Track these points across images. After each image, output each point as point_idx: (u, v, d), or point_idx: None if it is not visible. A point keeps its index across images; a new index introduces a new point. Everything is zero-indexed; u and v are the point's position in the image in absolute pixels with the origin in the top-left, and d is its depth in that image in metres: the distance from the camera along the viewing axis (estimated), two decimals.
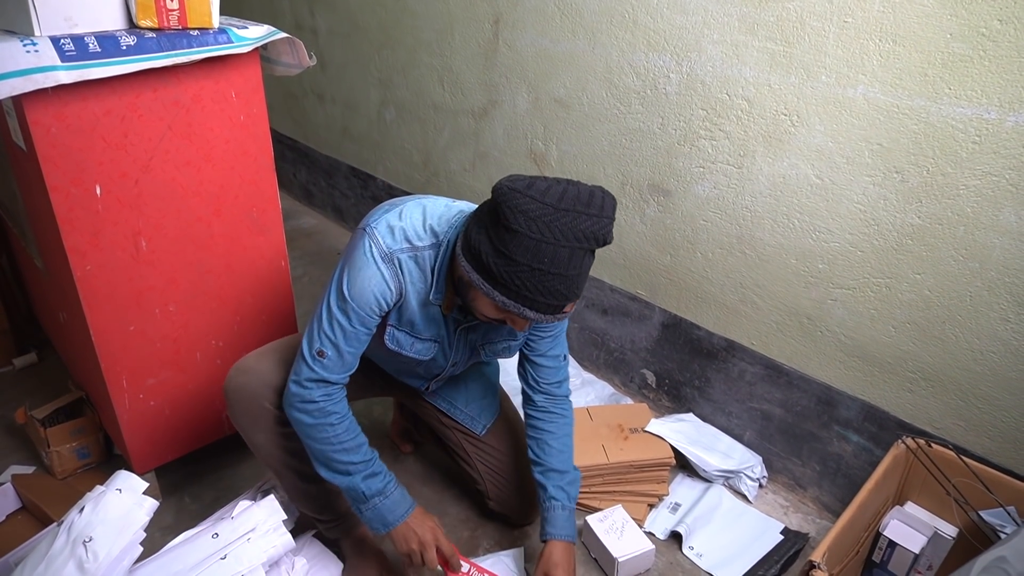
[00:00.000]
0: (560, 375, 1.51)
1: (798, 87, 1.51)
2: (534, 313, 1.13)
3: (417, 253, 1.26)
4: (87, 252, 1.41)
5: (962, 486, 1.40)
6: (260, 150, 1.60)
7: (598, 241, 1.10)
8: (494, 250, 1.10)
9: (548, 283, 1.09)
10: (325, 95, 3.19)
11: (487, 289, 1.13)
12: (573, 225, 1.07)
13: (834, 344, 1.64)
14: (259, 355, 1.43)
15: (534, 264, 1.08)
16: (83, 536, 1.19)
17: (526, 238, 1.07)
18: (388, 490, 1.36)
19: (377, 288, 1.24)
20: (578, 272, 1.11)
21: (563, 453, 1.49)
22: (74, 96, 1.29)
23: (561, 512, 1.46)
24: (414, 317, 1.33)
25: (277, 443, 1.40)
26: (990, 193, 1.31)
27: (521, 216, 1.06)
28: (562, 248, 1.07)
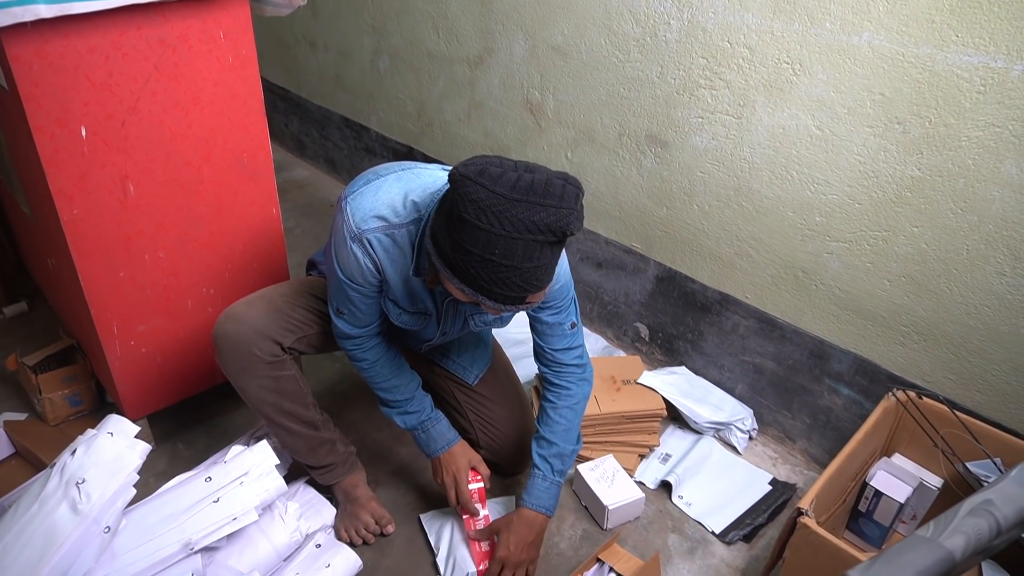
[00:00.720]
0: (565, 343, 1.45)
1: (801, 34, 1.48)
2: (493, 303, 1.09)
3: (394, 231, 1.23)
4: (74, 196, 1.39)
5: (949, 437, 1.41)
6: (250, 93, 1.56)
7: (555, 233, 1.02)
8: (449, 238, 1.06)
9: (502, 275, 1.04)
10: (317, 43, 3.11)
11: (447, 275, 1.10)
12: (527, 216, 1.00)
13: (828, 298, 1.64)
14: (248, 302, 1.42)
15: (486, 255, 1.03)
16: (76, 478, 1.20)
17: (476, 229, 1.01)
18: (424, 427, 1.50)
19: (355, 266, 1.26)
20: (536, 265, 1.05)
21: (557, 424, 1.46)
22: (56, 32, 1.25)
23: (540, 482, 1.46)
24: (396, 291, 1.32)
25: (266, 388, 1.40)
26: (992, 145, 1.29)
27: (471, 205, 1.01)
28: (516, 240, 1.01)
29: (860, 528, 1.51)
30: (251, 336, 1.36)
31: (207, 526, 1.28)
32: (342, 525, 1.54)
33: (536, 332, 1.46)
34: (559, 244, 1.06)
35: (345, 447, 1.57)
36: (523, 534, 1.43)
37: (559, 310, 1.41)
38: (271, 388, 1.40)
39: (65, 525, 1.16)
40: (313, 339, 1.46)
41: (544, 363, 1.48)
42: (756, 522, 1.61)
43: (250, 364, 1.37)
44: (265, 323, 1.38)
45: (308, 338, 1.45)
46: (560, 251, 1.10)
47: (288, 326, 1.41)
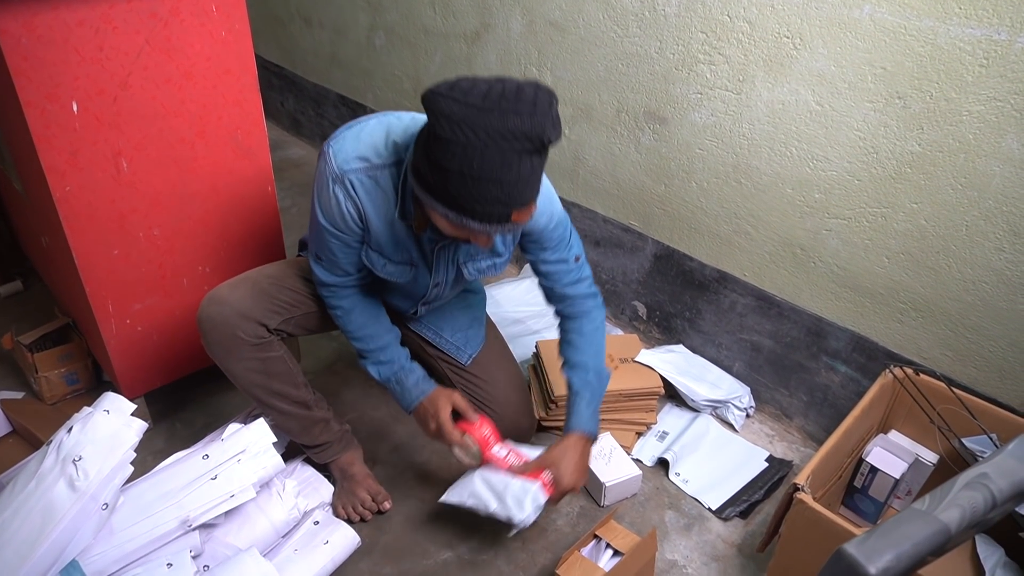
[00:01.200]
0: (573, 277, 1.43)
1: (802, 7, 1.45)
2: (478, 224, 1.08)
3: (376, 172, 1.22)
4: (66, 172, 1.37)
5: (946, 414, 1.41)
6: (243, 69, 1.53)
7: (532, 140, 1.01)
8: (428, 160, 1.05)
9: (482, 190, 1.03)
10: (312, 19, 3.07)
11: (430, 203, 1.09)
12: (500, 124, 0.99)
13: (826, 275, 1.63)
14: (231, 285, 1.40)
15: (464, 170, 1.02)
16: (73, 455, 1.20)
17: (452, 143, 1.00)
18: (398, 377, 1.46)
19: (336, 211, 1.25)
20: (516, 176, 1.03)
21: (588, 348, 1.44)
22: (44, 5, 1.23)
23: (585, 407, 1.42)
24: (380, 238, 1.30)
25: (254, 370, 1.39)
26: (993, 119, 1.28)
27: (445, 120, 1.00)
28: (491, 150, 1.00)
29: (856, 504, 1.52)
30: (234, 319, 1.35)
31: (205, 503, 1.28)
32: (339, 502, 1.54)
33: (543, 275, 1.43)
34: (538, 154, 1.04)
35: (340, 425, 1.57)
36: (578, 460, 1.39)
37: (559, 246, 1.39)
38: (259, 370, 1.39)
39: (63, 502, 1.17)
40: (303, 320, 1.45)
41: (557, 302, 1.46)
42: (752, 498, 1.62)
43: (235, 347, 1.36)
44: (249, 305, 1.36)
45: (297, 319, 1.44)
46: (541, 163, 1.07)
47: (273, 307, 1.39)
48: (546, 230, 1.35)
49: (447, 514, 1.58)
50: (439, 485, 1.64)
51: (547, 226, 1.34)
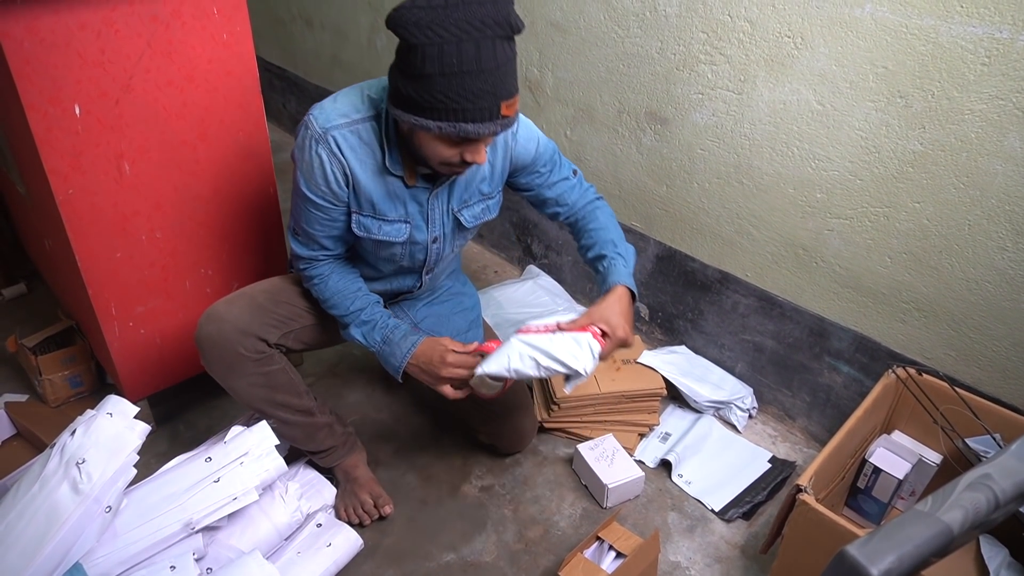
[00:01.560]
0: (578, 189, 1.48)
1: (803, 7, 1.45)
2: (473, 126, 1.10)
3: (359, 126, 1.24)
4: (68, 175, 1.37)
5: (949, 414, 1.41)
6: (245, 71, 1.54)
7: (501, 25, 1.05)
8: (407, 77, 1.08)
9: (468, 85, 1.06)
10: (314, 21, 3.08)
11: (421, 123, 1.11)
12: (467, 16, 1.03)
13: (829, 275, 1.63)
14: (228, 301, 1.39)
15: (445, 70, 1.05)
16: (76, 458, 1.20)
17: (427, 47, 1.04)
18: (385, 336, 1.37)
19: (320, 173, 1.25)
20: (495, 64, 1.06)
21: (610, 227, 1.45)
22: (46, 8, 1.23)
23: (622, 267, 1.39)
24: (371, 195, 1.29)
25: (256, 384, 1.38)
26: (996, 118, 1.27)
27: (414, 28, 1.04)
28: (466, 43, 1.04)
29: (859, 504, 1.51)
30: (234, 335, 1.34)
31: (208, 506, 1.28)
32: (341, 504, 1.55)
33: (552, 201, 1.47)
34: (509, 40, 1.09)
35: (343, 428, 1.57)
36: (626, 310, 1.34)
37: (555, 167, 1.45)
38: (262, 384, 1.38)
39: (66, 505, 1.17)
40: (302, 334, 1.45)
41: (568, 216, 1.49)
42: (755, 500, 1.61)
43: (237, 363, 1.35)
44: (248, 320, 1.35)
45: (296, 333, 1.43)
46: (513, 51, 1.10)
47: (271, 322, 1.39)
48: (537, 153, 1.41)
49: (450, 516, 1.58)
50: (442, 487, 1.65)
51: (537, 149, 1.40)
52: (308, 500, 1.51)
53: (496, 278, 2.44)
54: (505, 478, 1.67)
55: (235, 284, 1.73)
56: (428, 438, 1.78)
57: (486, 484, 1.66)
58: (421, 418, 1.85)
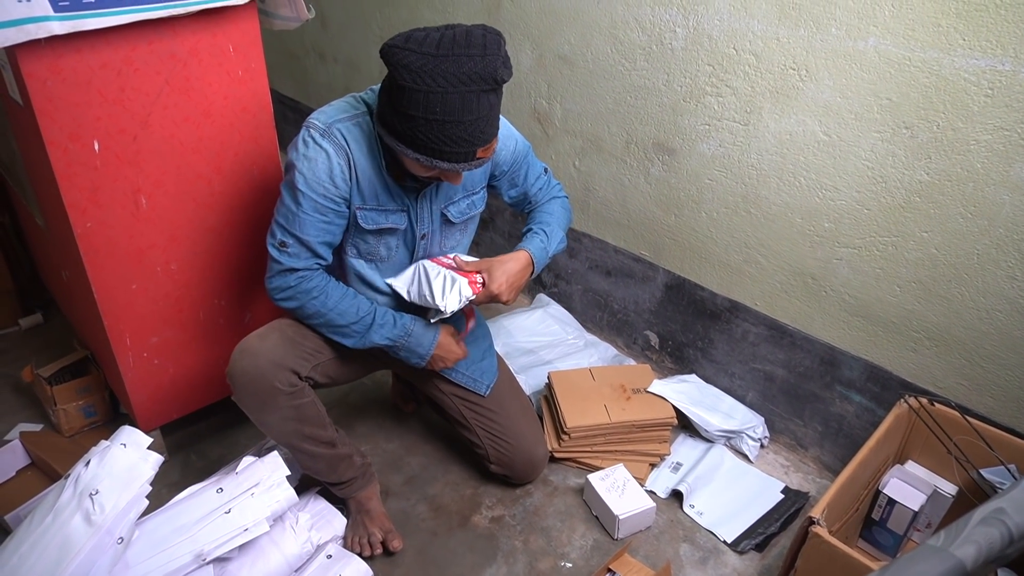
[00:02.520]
0: (549, 186, 1.59)
1: (807, 40, 1.48)
2: (447, 164, 1.18)
3: (359, 119, 1.30)
4: (87, 209, 1.41)
5: (963, 444, 1.40)
6: (259, 106, 1.57)
7: (487, 80, 1.11)
8: (393, 110, 1.15)
9: (448, 132, 1.13)
10: (327, 54, 3.14)
11: (400, 148, 1.19)
12: (456, 69, 1.09)
13: (838, 304, 1.63)
14: (260, 336, 1.40)
15: (428, 116, 1.12)
16: (89, 489, 1.21)
17: (414, 92, 1.10)
18: (407, 330, 1.43)
19: (323, 167, 1.27)
20: (476, 116, 1.13)
21: (552, 213, 1.55)
22: (68, 48, 1.27)
23: (538, 240, 1.49)
24: (375, 187, 1.34)
25: (289, 418, 1.39)
26: (1001, 148, 1.28)
27: (404, 71, 1.09)
28: (451, 94, 1.10)
29: (874, 536, 1.50)
30: (270, 368, 1.34)
31: (219, 537, 1.29)
32: (351, 534, 1.54)
33: (527, 200, 1.57)
34: (494, 92, 1.15)
35: (361, 458, 1.57)
36: (514, 271, 1.43)
37: (531, 166, 1.54)
38: (293, 418, 1.39)
39: (79, 536, 1.17)
40: (327, 367, 1.46)
41: (530, 209, 1.58)
42: (768, 531, 1.60)
43: (271, 397, 1.35)
44: (282, 354, 1.37)
45: (322, 366, 1.45)
46: (497, 101, 1.17)
47: (302, 354, 1.40)
48: (515, 153, 1.49)
49: (460, 548, 1.57)
50: (452, 518, 1.64)
51: (515, 149, 1.48)
52: (318, 531, 1.51)
53: (506, 307, 2.45)
54: (515, 509, 1.66)
55: (247, 315, 1.75)
56: (438, 468, 1.78)
57: (496, 515, 1.65)
58: (431, 447, 1.85)
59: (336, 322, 1.38)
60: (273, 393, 1.35)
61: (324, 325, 1.40)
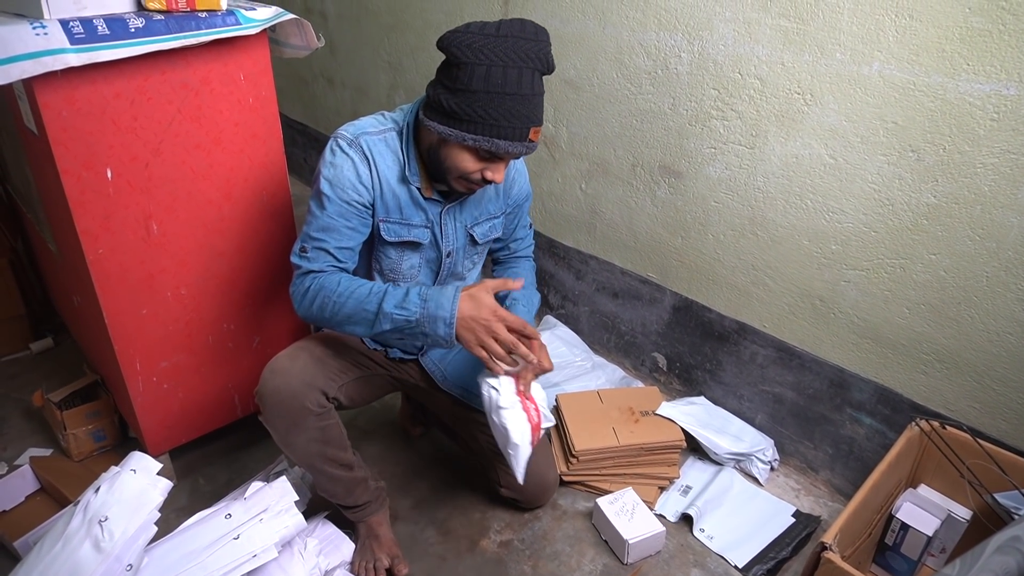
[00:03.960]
0: (526, 240, 1.67)
1: (812, 65, 1.49)
2: (505, 143, 1.22)
3: (384, 134, 1.35)
4: (99, 235, 1.42)
5: (976, 468, 1.38)
6: (269, 133, 1.59)
7: (542, 62, 1.20)
8: (451, 91, 1.21)
9: (507, 105, 1.19)
10: (335, 79, 3.18)
11: (456, 135, 1.23)
12: (516, 47, 1.18)
13: (847, 326, 1.62)
14: (290, 356, 1.39)
15: (490, 88, 1.18)
16: (99, 515, 1.21)
17: (476, 66, 1.17)
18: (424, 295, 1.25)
19: (349, 172, 1.31)
20: (532, 92, 1.20)
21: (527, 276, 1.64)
22: (84, 79, 1.29)
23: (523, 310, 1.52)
24: (398, 200, 1.36)
25: (315, 439, 1.38)
26: (1008, 171, 1.29)
27: (467, 49, 1.17)
28: (511, 69, 1.17)
29: (887, 562, 1.48)
30: (302, 388, 1.34)
31: (227, 563, 1.28)
32: (360, 559, 1.53)
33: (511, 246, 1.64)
34: (543, 76, 1.23)
35: (375, 482, 1.56)
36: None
37: (524, 213, 1.61)
38: (319, 439, 1.39)
39: (88, 563, 1.17)
40: (350, 388, 1.46)
41: (504, 253, 1.66)
42: (780, 556, 1.58)
43: (302, 418, 1.35)
44: (312, 374, 1.37)
45: (347, 387, 1.45)
46: (543, 86, 1.24)
47: (331, 375, 1.41)
48: (526, 192, 1.57)
49: (468, 573, 1.56)
50: (460, 542, 1.63)
51: (526, 186, 1.57)
52: (326, 556, 1.50)
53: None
54: (524, 533, 1.65)
55: (256, 339, 1.76)
56: (446, 491, 1.77)
57: (505, 539, 1.64)
58: (440, 471, 1.84)
59: (348, 308, 1.27)
60: (303, 413, 1.35)
61: (344, 320, 1.29)
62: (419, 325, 1.25)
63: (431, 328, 1.24)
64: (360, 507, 1.52)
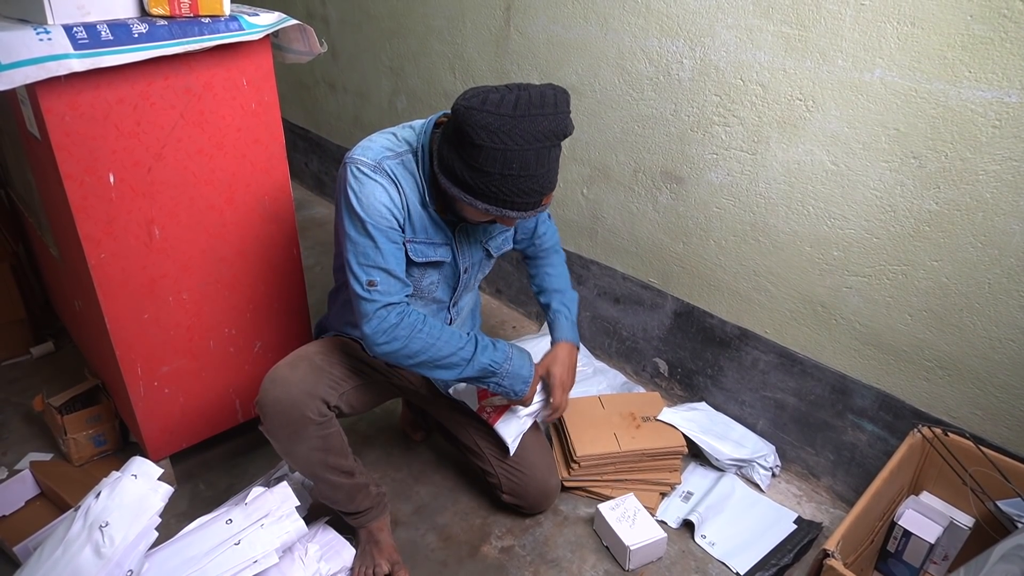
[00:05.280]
0: (551, 231, 1.69)
1: (814, 71, 1.49)
2: (516, 212, 1.24)
3: (401, 158, 1.34)
4: (101, 240, 1.42)
5: (979, 475, 1.38)
6: (271, 138, 1.59)
7: (558, 136, 1.19)
8: (466, 166, 1.20)
9: (521, 185, 1.19)
10: (337, 84, 3.19)
11: (469, 200, 1.24)
12: (532, 128, 1.15)
13: (849, 332, 1.62)
14: (290, 365, 1.39)
15: (505, 171, 1.17)
16: (99, 521, 1.21)
17: (492, 150, 1.16)
18: (508, 353, 1.44)
19: (382, 197, 1.30)
20: (547, 169, 1.21)
21: (561, 278, 1.69)
22: (87, 84, 1.30)
23: (565, 322, 1.63)
24: (423, 220, 1.37)
25: (316, 448, 1.38)
26: (1010, 178, 1.29)
27: (483, 131, 1.15)
28: (528, 152, 1.16)
29: (890, 569, 1.47)
30: (302, 398, 1.34)
31: (228, 569, 1.28)
32: (360, 564, 1.53)
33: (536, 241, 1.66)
34: (560, 146, 1.23)
35: (376, 488, 1.56)
36: (568, 362, 1.58)
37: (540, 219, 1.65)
38: (320, 448, 1.38)
39: (89, 568, 1.17)
40: (351, 396, 1.46)
41: (532, 250, 1.68)
42: (782, 562, 1.58)
43: (303, 427, 1.35)
44: (313, 383, 1.37)
45: (347, 395, 1.45)
46: (560, 150, 1.24)
47: (331, 383, 1.41)
48: None
49: None
50: (461, 548, 1.63)
51: None
52: (327, 562, 1.50)
53: (515, 333, 2.45)
54: (525, 539, 1.65)
55: (258, 343, 1.76)
56: (447, 497, 1.77)
57: (506, 545, 1.64)
58: (441, 476, 1.84)
59: (442, 352, 1.35)
60: (304, 423, 1.35)
61: (429, 361, 1.35)
62: (503, 378, 1.43)
63: (509, 383, 1.44)
64: (361, 513, 1.51)
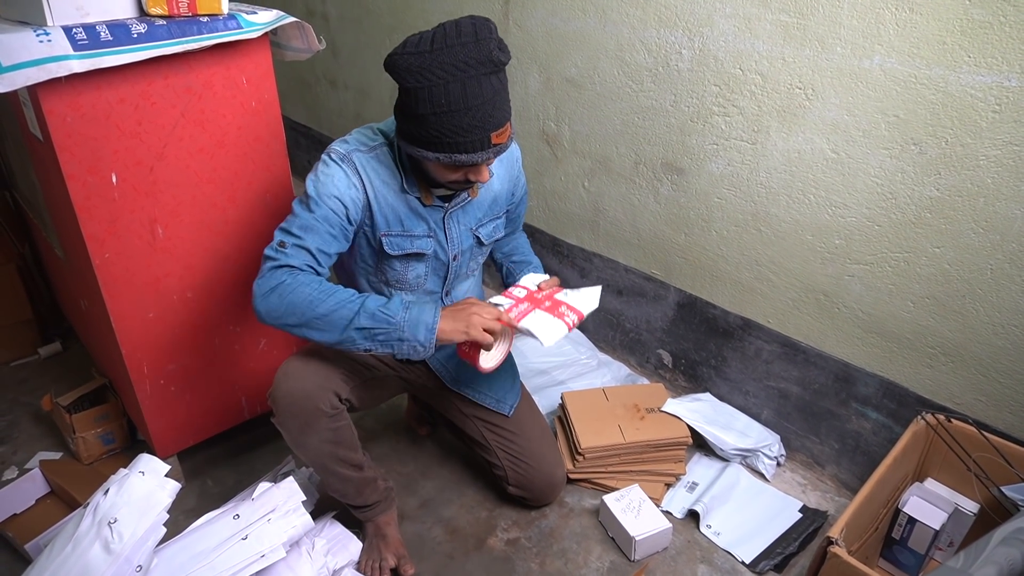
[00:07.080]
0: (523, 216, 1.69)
1: (813, 59, 1.49)
2: (465, 156, 1.20)
3: (375, 151, 1.34)
4: (105, 240, 1.43)
5: (983, 461, 1.38)
6: (272, 136, 1.60)
7: (483, 63, 1.14)
8: (405, 116, 1.20)
9: (456, 121, 1.16)
10: (337, 81, 3.19)
11: (421, 153, 1.22)
12: (453, 59, 1.12)
13: (851, 320, 1.62)
14: (302, 359, 1.40)
15: (436, 110, 1.15)
16: (108, 517, 1.22)
17: (418, 90, 1.15)
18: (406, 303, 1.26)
19: (340, 183, 1.30)
20: (481, 100, 1.16)
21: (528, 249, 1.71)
22: (88, 85, 1.30)
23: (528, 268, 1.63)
24: (398, 212, 1.36)
25: (327, 440, 1.39)
26: (1011, 163, 1.28)
27: (406, 73, 1.14)
28: (453, 84, 1.13)
29: (895, 556, 1.48)
30: (316, 391, 1.35)
31: (236, 563, 1.29)
32: (367, 558, 1.54)
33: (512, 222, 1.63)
34: (495, 75, 1.17)
35: (384, 482, 1.57)
36: None
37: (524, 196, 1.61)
38: (331, 440, 1.39)
39: (98, 564, 1.18)
40: (361, 390, 1.47)
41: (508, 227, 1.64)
42: (787, 551, 1.58)
43: (315, 420, 1.35)
44: (325, 376, 1.37)
45: (357, 389, 1.46)
46: (500, 83, 1.18)
47: (342, 376, 1.41)
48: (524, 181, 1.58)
49: (476, 571, 1.57)
50: (468, 541, 1.64)
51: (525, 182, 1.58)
52: (334, 556, 1.51)
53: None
54: (531, 531, 1.66)
55: (263, 341, 1.77)
56: (453, 491, 1.78)
57: (512, 537, 1.65)
58: (447, 470, 1.85)
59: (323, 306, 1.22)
60: (317, 415, 1.35)
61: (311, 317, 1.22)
62: (398, 329, 1.24)
63: (411, 332, 1.24)
64: (369, 507, 1.52)
